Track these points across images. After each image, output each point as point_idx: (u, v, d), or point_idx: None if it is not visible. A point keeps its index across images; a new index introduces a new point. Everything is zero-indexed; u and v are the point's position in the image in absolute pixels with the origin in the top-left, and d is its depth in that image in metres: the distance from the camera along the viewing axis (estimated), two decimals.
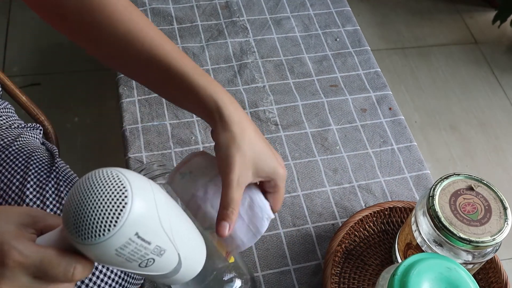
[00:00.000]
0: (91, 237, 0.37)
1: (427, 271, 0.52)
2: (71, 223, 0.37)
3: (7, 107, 0.84)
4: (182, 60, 0.54)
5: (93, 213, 0.37)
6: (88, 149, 1.56)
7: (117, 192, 0.37)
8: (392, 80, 1.85)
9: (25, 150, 0.75)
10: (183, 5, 1.04)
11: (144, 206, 0.38)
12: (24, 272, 0.38)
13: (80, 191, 0.37)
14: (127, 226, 0.37)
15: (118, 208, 0.37)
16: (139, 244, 0.38)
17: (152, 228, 0.39)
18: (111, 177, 0.38)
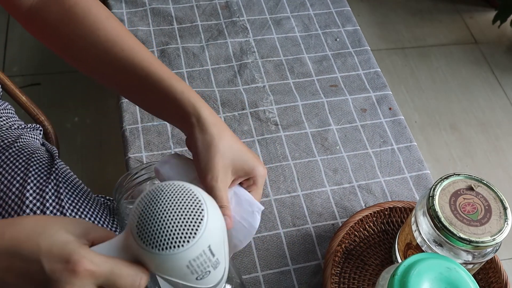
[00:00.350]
0: (170, 248, 0.38)
1: (427, 271, 0.52)
2: (149, 233, 0.38)
3: (7, 108, 0.84)
4: (160, 67, 0.56)
5: (174, 224, 0.38)
6: (88, 149, 1.57)
7: (194, 204, 0.39)
8: (392, 80, 1.85)
9: (25, 151, 0.75)
10: (183, 5, 1.04)
11: (216, 220, 0.40)
12: (93, 281, 0.38)
13: (156, 201, 0.39)
14: (203, 238, 0.38)
15: (197, 220, 0.38)
16: (207, 256, 0.40)
17: (219, 241, 0.41)
18: (185, 190, 0.40)
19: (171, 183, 0.40)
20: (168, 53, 0.95)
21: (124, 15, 1.00)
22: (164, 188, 0.40)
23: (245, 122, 0.86)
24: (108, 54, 0.56)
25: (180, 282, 0.41)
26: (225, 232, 0.43)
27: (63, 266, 0.37)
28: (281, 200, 0.78)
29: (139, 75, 0.55)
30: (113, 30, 0.57)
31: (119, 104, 0.87)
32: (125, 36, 0.57)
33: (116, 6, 1.01)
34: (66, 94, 1.68)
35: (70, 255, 0.37)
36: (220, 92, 0.90)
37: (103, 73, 0.59)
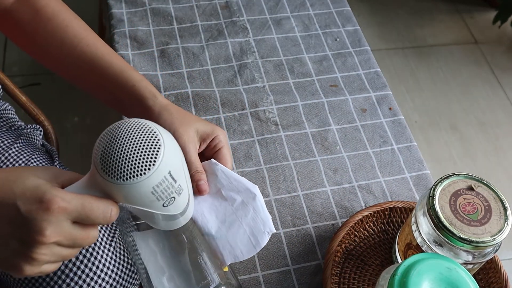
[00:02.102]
0: (134, 177, 0.41)
1: (427, 271, 0.52)
2: (112, 166, 0.41)
3: (7, 109, 0.84)
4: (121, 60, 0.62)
5: (135, 154, 0.41)
6: (88, 149, 1.56)
7: (151, 136, 0.42)
8: (392, 80, 1.85)
9: (24, 152, 0.75)
10: (183, 5, 1.04)
11: (173, 148, 0.44)
12: (67, 217, 0.41)
13: (116, 136, 0.42)
14: (163, 164, 0.42)
15: (155, 149, 0.41)
16: (170, 182, 0.43)
17: (178, 167, 0.44)
18: (141, 124, 0.43)
19: (129, 120, 0.44)
20: (168, 53, 0.95)
21: (124, 15, 1.00)
22: (122, 124, 0.43)
23: (245, 122, 0.86)
24: (75, 49, 0.61)
25: (148, 210, 0.44)
26: (183, 161, 0.46)
27: (37, 205, 0.40)
28: (281, 200, 0.78)
29: (102, 67, 0.61)
30: (80, 27, 0.63)
31: None
32: (90, 34, 0.63)
33: (116, 6, 1.01)
34: (66, 94, 1.68)
35: (43, 195, 0.41)
36: (220, 92, 0.90)
37: (70, 67, 0.63)
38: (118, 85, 0.60)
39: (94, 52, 0.61)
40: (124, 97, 0.61)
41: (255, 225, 0.57)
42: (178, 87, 0.90)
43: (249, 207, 0.57)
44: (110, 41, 0.97)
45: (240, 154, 0.82)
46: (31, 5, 0.62)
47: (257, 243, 0.56)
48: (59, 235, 0.41)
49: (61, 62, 0.63)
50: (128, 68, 0.62)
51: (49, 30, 0.62)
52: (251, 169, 0.81)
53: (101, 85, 0.62)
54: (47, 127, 0.95)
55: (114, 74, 0.61)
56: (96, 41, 0.63)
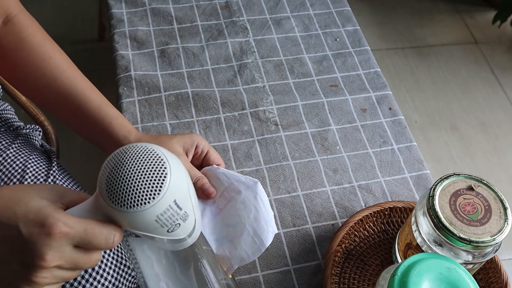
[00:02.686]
0: (138, 205, 0.41)
1: (427, 271, 0.52)
2: (116, 193, 0.41)
3: (6, 109, 0.84)
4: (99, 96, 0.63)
5: (140, 183, 0.41)
6: (88, 149, 1.56)
7: (157, 163, 0.42)
8: (392, 80, 1.85)
9: (23, 152, 0.75)
10: (183, 5, 1.04)
11: (179, 175, 0.43)
12: (69, 242, 0.41)
13: (121, 163, 0.42)
14: (168, 193, 0.41)
15: (161, 177, 0.41)
16: (174, 210, 0.42)
17: (184, 194, 0.43)
18: (148, 150, 0.43)
19: (135, 145, 0.43)
20: (168, 53, 0.95)
21: (124, 15, 1.00)
22: (129, 150, 0.42)
23: (245, 122, 0.86)
24: (55, 81, 0.62)
25: (153, 235, 0.43)
26: (190, 186, 0.45)
27: (39, 230, 0.40)
28: (281, 200, 0.78)
29: (80, 101, 0.62)
30: (62, 60, 0.64)
31: (119, 104, 0.87)
32: (72, 67, 0.64)
33: (116, 6, 1.01)
34: None
35: (45, 219, 0.40)
36: (220, 92, 0.90)
37: (48, 98, 0.64)
38: (94, 121, 0.61)
39: (74, 86, 0.62)
40: (100, 134, 0.62)
41: (258, 225, 0.57)
42: (178, 87, 0.90)
43: (251, 207, 0.57)
44: (110, 41, 0.97)
45: (240, 154, 0.82)
46: (16, 34, 0.63)
47: (261, 243, 0.57)
48: (60, 260, 0.41)
49: (40, 93, 0.64)
50: (106, 105, 0.62)
51: (31, 60, 0.62)
52: (251, 169, 0.81)
53: (78, 119, 0.63)
54: (47, 127, 0.95)
55: (91, 109, 0.61)
56: (77, 75, 0.64)
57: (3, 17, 0.63)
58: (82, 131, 0.65)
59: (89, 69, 1.73)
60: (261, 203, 0.58)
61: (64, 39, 1.70)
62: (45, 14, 1.91)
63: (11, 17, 0.64)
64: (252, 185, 0.60)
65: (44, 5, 1.95)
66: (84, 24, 1.89)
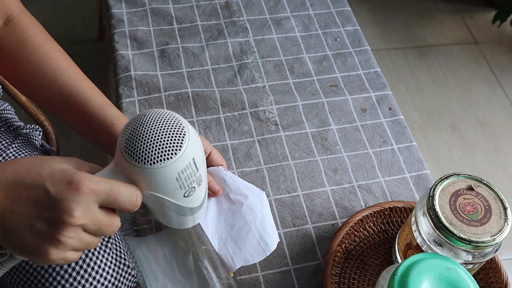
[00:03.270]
0: (160, 161, 0.42)
1: (427, 271, 0.52)
2: (139, 150, 0.42)
3: (6, 109, 0.84)
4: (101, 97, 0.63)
5: (162, 139, 0.42)
6: (88, 149, 1.56)
7: (176, 123, 0.43)
8: (392, 80, 1.85)
9: (23, 152, 0.75)
10: (183, 5, 1.04)
11: (196, 136, 0.45)
12: (95, 199, 0.42)
13: (143, 122, 0.43)
14: (188, 150, 0.43)
15: (181, 134, 0.43)
16: (193, 170, 0.44)
17: (200, 156, 0.45)
18: (166, 113, 0.44)
19: (154, 109, 0.45)
20: (168, 53, 0.95)
21: (124, 15, 1.00)
22: (148, 112, 0.44)
23: (245, 122, 0.86)
24: (57, 82, 0.62)
25: (170, 200, 0.44)
26: (203, 152, 0.47)
27: (66, 187, 0.41)
28: (281, 200, 0.78)
29: (81, 102, 0.62)
30: (63, 61, 0.64)
31: (119, 104, 0.87)
32: (73, 68, 0.64)
33: (116, 6, 1.01)
34: None
35: (72, 177, 0.41)
36: (220, 92, 0.90)
37: (49, 99, 0.64)
38: (96, 122, 0.61)
39: (75, 87, 0.62)
40: (102, 135, 0.62)
41: (263, 230, 0.58)
42: (178, 87, 0.90)
43: (258, 213, 0.58)
44: (110, 41, 0.97)
45: (240, 154, 0.82)
46: (17, 34, 0.63)
47: (266, 247, 0.57)
48: (87, 218, 0.41)
49: (42, 94, 0.64)
50: (108, 105, 0.62)
51: (32, 61, 0.62)
52: (251, 169, 0.81)
53: (80, 121, 0.63)
54: (47, 127, 0.95)
55: (93, 110, 0.61)
56: (78, 75, 0.63)
57: (4, 18, 0.63)
58: (84, 132, 0.65)
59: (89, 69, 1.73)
60: (267, 211, 0.59)
61: (64, 39, 1.70)
62: (45, 14, 1.91)
63: (12, 18, 0.63)
64: (259, 194, 0.61)
65: (44, 5, 1.95)
66: (84, 24, 1.89)
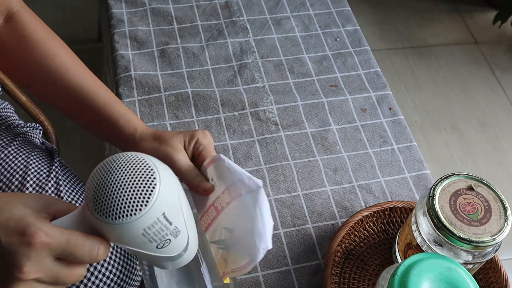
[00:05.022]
0: (123, 217, 0.38)
1: (427, 271, 0.52)
2: (100, 205, 0.38)
3: (6, 107, 0.84)
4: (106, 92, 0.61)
5: (126, 193, 0.38)
6: (88, 149, 1.56)
7: (146, 173, 0.39)
8: (392, 80, 1.85)
9: (24, 149, 0.75)
10: (183, 5, 1.04)
11: (170, 187, 0.40)
12: (49, 253, 0.39)
13: (107, 172, 0.39)
14: (156, 205, 0.39)
15: (149, 188, 0.38)
16: (163, 224, 0.40)
17: (174, 208, 0.41)
18: (137, 160, 0.40)
19: (125, 154, 0.41)
20: (168, 53, 0.95)
21: (124, 15, 1.00)
22: (117, 159, 0.40)
23: (245, 122, 0.86)
24: (61, 79, 0.60)
25: (140, 251, 0.41)
26: (182, 200, 0.42)
27: (19, 238, 0.38)
28: (281, 200, 0.78)
29: (87, 99, 0.60)
30: (67, 57, 0.62)
31: None
32: (78, 63, 0.63)
33: (116, 6, 1.01)
34: None
35: (26, 227, 0.38)
36: (220, 92, 0.90)
37: (54, 96, 0.63)
38: (101, 119, 0.60)
39: (80, 84, 0.61)
40: (108, 131, 0.61)
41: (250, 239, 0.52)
42: (178, 87, 0.90)
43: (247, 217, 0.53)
44: (110, 41, 0.97)
45: (240, 154, 0.82)
46: (19, 31, 0.61)
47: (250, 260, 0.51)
48: (39, 272, 0.39)
49: (46, 91, 0.63)
50: (113, 101, 0.61)
51: (35, 57, 0.61)
52: (251, 169, 0.81)
53: (86, 117, 0.62)
54: (47, 127, 0.95)
55: (98, 107, 0.60)
56: (83, 71, 0.62)
57: (4, 14, 0.62)
58: (91, 128, 0.64)
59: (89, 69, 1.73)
60: (259, 213, 0.53)
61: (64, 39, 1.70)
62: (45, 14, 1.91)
63: (13, 14, 0.62)
64: (255, 189, 0.54)
65: (44, 5, 1.95)
66: (84, 24, 1.89)
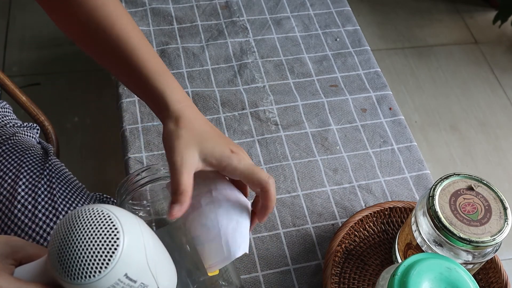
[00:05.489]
0: (81, 278, 0.37)
1: (427, 271, 0.52)
2: (60, 263, 0.38)
3: (5, 107, 0.84)
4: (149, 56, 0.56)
5: (85, 255, 0.37)
6: (88, 149, 1.57)
7: (108, 233, 0.38)
8: (392, 80, 1.85)
9: (19, 148, 0.75)
10: (183, 5, 1.04)
11: (134, 247, 0.39)
12: None
13: (69, 230, 0.38)
14: (117, 267, 0.38)
15: (110, 250, 0.38)
16: (126, 284, 0.39)
17: (139, 267, 0.40)
18: (101, 216, 0.39)
19: (90, 208, 0.40)
20: (168, 53, 0.95)
21: None
22: (81, 214, 0.39)
23: (245, 122, 0.86)
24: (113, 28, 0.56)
25: None
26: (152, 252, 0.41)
27: None
28: (281, 200, 0.78)
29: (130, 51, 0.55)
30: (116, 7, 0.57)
31: (119, 104, 0.87)
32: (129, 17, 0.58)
33: None
34: (66, 94, 1.68)
35: None
36: (220, 92, 0.90)
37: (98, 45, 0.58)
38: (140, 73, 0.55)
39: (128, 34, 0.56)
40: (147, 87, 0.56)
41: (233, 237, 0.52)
42: None
43: (234, 219, 0.53)
44: None
45: None
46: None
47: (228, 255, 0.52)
48: None
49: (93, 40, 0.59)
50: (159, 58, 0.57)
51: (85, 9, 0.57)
52: None
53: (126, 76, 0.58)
54: (47, 127, 0.95)
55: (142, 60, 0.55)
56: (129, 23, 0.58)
57: None
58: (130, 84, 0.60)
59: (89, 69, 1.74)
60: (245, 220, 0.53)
61: (65, 39, 1.70)
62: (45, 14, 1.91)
63: None
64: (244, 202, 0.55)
65: None
66: None
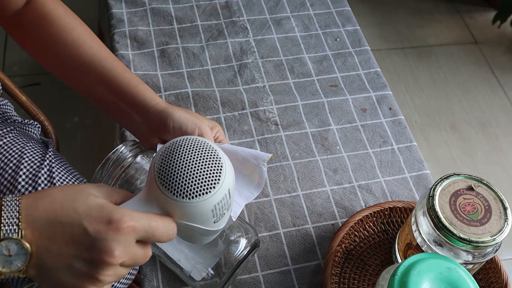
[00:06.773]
0: (199, 195, 0.42)
1: (427, 271, 0.52)
2: (177, 184, 0.42)
3: (7, 104, 0.84)
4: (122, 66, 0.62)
5: (200, 173, 0.42)
6: (88, 149, 1.57)
7: (213, 154, 0.44)
8: (392, 80, 1.85)
9: (20, 140, 0.76)
10: (183, 5, 1.04)
11: (230, 165, 0.45)
12: (135, 236, 0.41)
13: (181, 154, 0.43)
14: (225, 183, 0.43)
15: (218, 167, 0.43)
16: (227, 200, 0.45)
17: (232, 185, 0.46)
18: (202, 143, 0.44)
19: (189, 137, 0.45)
20: (168, 53, 0.95)
21: (124, 15, 1.00)
22: (184, 142, 0.44)
23: (245, 122, 0.86)
24: (77, 49, 0.61)
25: (201, 227, 0.44)
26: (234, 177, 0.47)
27: (106, 226, 0.39)
28: (281, 200, 0.78)
29: (103, 67, 0.61)
30: (85, 31, 0.64)
31: None
32: (94, 38, 0.64)
33: (116, 6, 1.01)
34: (66, 94, 1.68)
35: (110, 214, 0.40)
36: (220, 92, 0.90)
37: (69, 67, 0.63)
38: (119, 85, 0.60)
39: (97, 54, 0.61)
40: (126, 97, 0.60)
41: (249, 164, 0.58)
42: (178, 87, 0.90)
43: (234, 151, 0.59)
44: (110, 41, 0.97)
45: None
46: (39, 10, 0.63)
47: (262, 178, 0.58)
48: (126, 255, 0.41)
49: (62, 62, 0.63)
50: (130, 72, 0.62)
51: (53, 32, 0.62)
52: None
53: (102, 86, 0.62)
54: (47, 127, 0.95)
55: (116, 74, 0.61)
56: (100, 45, 0.63)
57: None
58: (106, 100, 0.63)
59: None
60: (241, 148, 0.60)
61: None
62: None
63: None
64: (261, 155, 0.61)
65: None
66: None
